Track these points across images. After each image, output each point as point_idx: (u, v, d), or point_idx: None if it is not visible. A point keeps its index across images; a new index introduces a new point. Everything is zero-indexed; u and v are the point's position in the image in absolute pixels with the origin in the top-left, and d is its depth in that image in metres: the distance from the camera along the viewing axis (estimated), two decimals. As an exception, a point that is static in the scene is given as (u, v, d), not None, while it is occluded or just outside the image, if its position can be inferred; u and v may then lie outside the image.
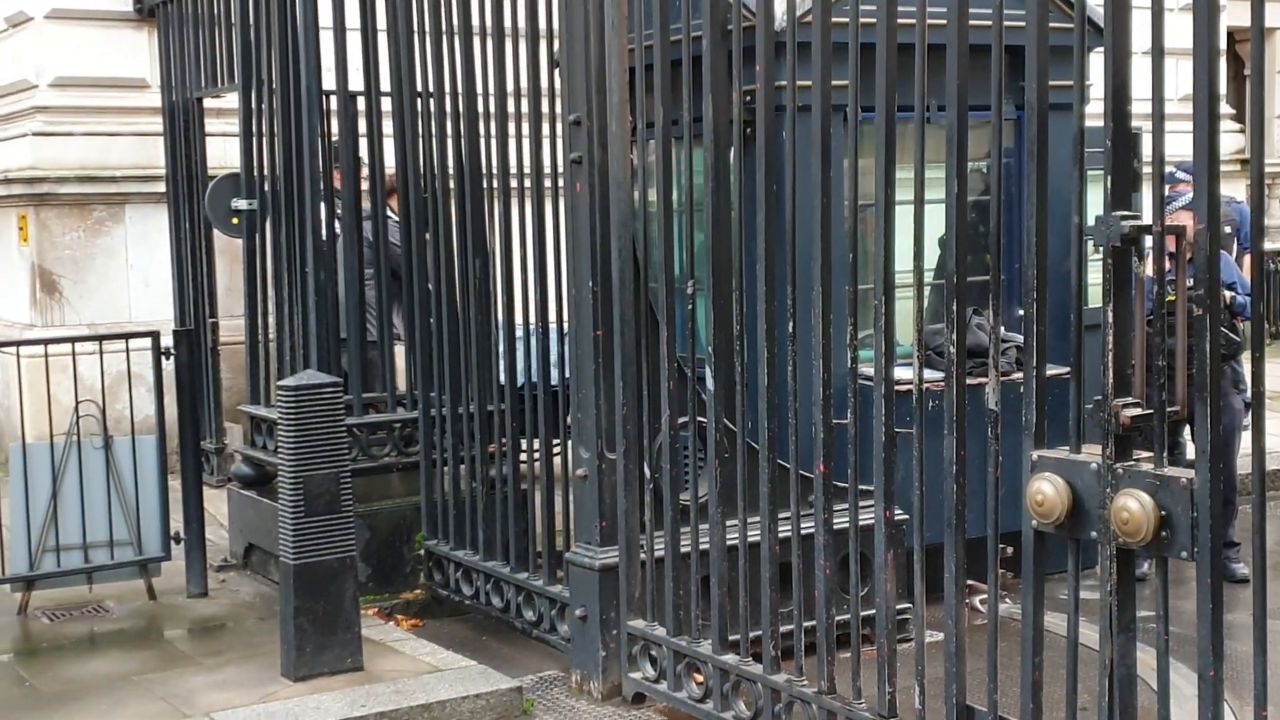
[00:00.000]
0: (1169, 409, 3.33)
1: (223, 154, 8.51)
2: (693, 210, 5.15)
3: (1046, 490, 3.47)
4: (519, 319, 6.08)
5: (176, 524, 6.54)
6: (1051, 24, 3.64)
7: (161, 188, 8.80)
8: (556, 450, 5.90)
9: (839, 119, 4.42)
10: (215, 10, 7.73)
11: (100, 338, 6.64)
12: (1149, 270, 3.42)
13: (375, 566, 6.70)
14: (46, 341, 6.70)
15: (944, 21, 3.82)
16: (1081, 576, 3.61)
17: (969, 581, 4.33)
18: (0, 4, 9.42)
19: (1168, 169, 3.49)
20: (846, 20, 4.16)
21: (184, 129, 8.34)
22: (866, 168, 4.25)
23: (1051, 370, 3.73)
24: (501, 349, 6.11)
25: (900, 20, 4.02)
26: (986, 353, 3.95)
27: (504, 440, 6.06)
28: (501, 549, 6.07)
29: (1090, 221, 3.43)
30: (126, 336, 6.64)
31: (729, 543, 4.85)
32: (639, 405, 5.17)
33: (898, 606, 4.34)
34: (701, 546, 4.97)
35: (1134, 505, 3.27)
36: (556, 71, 5.56)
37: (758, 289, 4.62)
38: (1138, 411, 3.35)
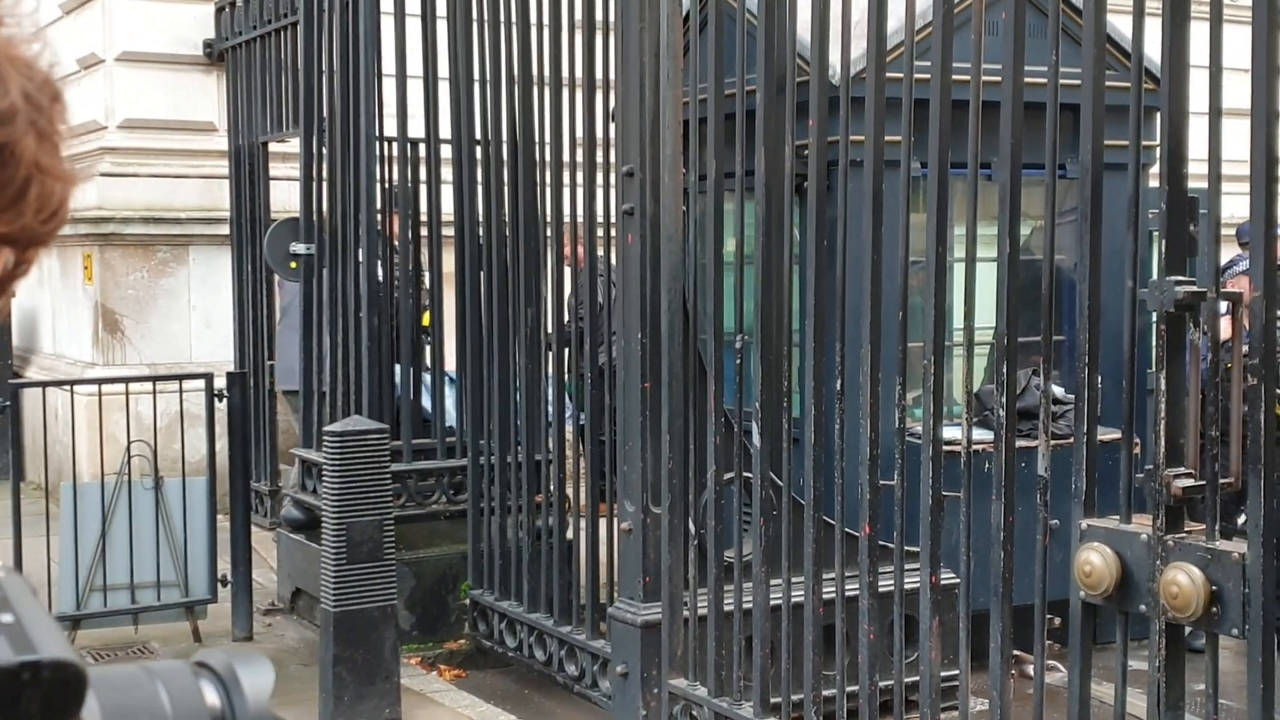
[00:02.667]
0: (1222, 480, 3.23)
1: (286, 198, 8.58)
2: (742, 263, 5.10)
3: (1095, 561, 3.36)
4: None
5: (225, 566, 6.54)
6: (1110, 83, 3.56)
7: (225, 230, 8.88)
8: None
9: (892, 174, 4.36)
10: (282, 55, 7.82)
11: (154, 378, 6.69)
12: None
13: (420, 615, 6.65)
14: (100, 381, 6.75)
15: (999, 79, 3.76)
16: (1132, 647, 3.50)
17: (1015, 651, 4.22)
18: (72, 46, 9.58)
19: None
20: (901, 76, 4.11)
21: (249, 172, 8.42)
22: (919, 224, 4.18)
23: (1107, 434, 3.64)
24: (551, 396, 6.07)
25: (955, 77, 3.97)
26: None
27: (551, 491, 6.02)
28: (545, 601, 6.01)
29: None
30: (180, 378, 6.69)
31: (772, 603, 4.77)
32: (685, 459, 5.10)
33: (943, 673, 4.24)
34: (745, 606, 4.89)
35: (1184, 579, 3.16)
36: (613, 123, 5.55)
37: (806, 345, 4.55)
38: (1190, 482, 3.25)
